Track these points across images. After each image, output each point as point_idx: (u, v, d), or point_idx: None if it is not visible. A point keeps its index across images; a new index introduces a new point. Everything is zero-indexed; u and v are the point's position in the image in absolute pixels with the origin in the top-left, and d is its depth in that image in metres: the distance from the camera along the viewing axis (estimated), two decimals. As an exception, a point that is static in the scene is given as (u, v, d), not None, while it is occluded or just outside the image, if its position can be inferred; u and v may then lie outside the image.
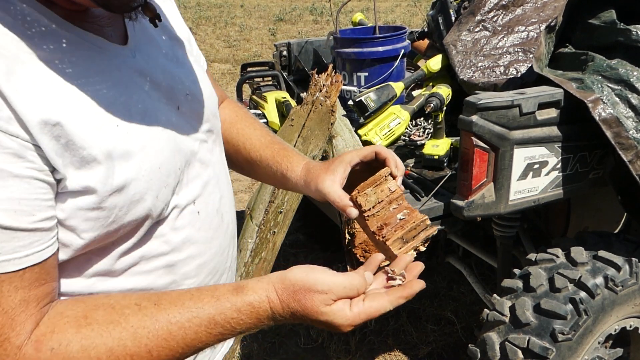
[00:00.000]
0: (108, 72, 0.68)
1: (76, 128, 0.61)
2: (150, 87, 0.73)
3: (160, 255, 0.75)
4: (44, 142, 0.57)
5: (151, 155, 0.70)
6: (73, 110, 0.61)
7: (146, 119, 0.71)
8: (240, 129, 1.04)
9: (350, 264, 1.88)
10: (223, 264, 0.89)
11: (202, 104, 0.84)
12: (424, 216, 0.86)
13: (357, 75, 2.25)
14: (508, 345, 1.61)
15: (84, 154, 0.61)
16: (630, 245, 1.75)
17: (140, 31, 0.77)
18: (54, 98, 0.60)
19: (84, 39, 0.67)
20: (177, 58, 0.83)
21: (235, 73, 6.97)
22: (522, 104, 1.56)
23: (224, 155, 0.93)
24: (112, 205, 0.65)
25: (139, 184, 0.67)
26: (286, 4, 12.62)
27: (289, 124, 1.80)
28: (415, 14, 10.30)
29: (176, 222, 0.76)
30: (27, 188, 0.57)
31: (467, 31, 2.08)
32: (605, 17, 1.73)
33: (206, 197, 0.82)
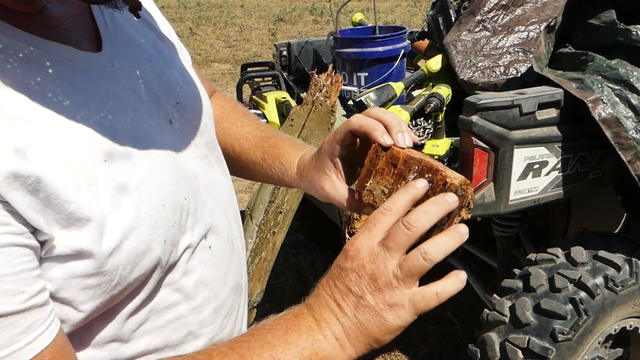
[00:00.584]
0: (85, 91, 0.54)
1: (56, 176, 0.48)
2: (136, 101, 0.60)
3: (171, 306, 0.63)
4: (16, 199, 0.45)
5: (151, 192, 0.57)
6: (49, 152, 0.48)
7: (139, 144, 0.58)
8: (227, 128, 0.91)
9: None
10: (238, 299, 0.76)
11: (197, 112, 0.71)
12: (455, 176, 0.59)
13: (357, 75, 2.25)
14: (508, 345, 1.61)
15: (71, 209, 0.49)
16: (630, 245, 1.75)
17: (114, 29, 0.64)
18: (20, 138, 0.46)
19: (48, 52, 0.53)
20: (162, 58, 0.69)
21: (235, 73, 6.98)
22: (522, 104, 1.56)
23: (224, 164, 0.79)
24: (113, 267, 0.53)
25: (141, 232, 0.55)
26: (286, 4, 12.62)
27: (289, 124, 1.80)
28: (415, 14, 10.30)
29: (188, 265, 0.64)
30: (7, 260, 0.45)
31: (467, 31, 2.08)
32: (605, 17, 1.73)
33: (216, 227, 0.69)
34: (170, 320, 0.63)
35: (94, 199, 0.51)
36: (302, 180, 0.79)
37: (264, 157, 0.86)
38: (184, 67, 0.74)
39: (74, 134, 0.51)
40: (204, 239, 0.66)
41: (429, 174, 0.60)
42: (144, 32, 0.70)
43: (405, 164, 0.62)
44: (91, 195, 0.50)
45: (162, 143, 0.62)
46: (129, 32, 0.66)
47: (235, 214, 0.78)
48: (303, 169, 0.79)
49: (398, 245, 0.54)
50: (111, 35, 0.62)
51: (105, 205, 0.52)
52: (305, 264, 3.09)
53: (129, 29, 0.67)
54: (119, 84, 0.59)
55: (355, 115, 0.68)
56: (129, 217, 0.54)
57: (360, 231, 0.57)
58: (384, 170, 0.64)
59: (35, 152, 0.47)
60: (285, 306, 0.63)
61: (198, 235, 0.65)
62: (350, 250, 0.56)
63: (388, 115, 0.67)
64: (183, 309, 0.64)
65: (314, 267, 3.05)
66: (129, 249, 0.54)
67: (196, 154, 0.68)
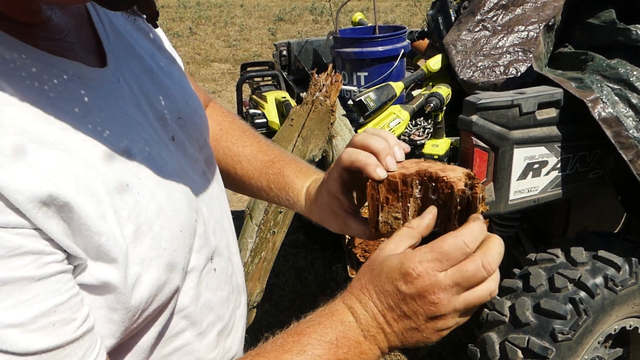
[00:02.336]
0: (97, 110, 0.52)
1: (84, 204, 0.46)
2: (142, 119, 0.58)
3: (178, 333, 0.60)
4: (51, 227, 0.44)
5: (170, 218, 0.55)
6: (75, 178, 0.46)
7: (153, 165, 0.55)
8: (227, 148, 0.87)
9: (350, 263, 1.88)
10: (241, 318, 0.75)
11: (197, 126, 0.68)
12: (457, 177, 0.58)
13: (357, 75, 2.25)
14: (508, 345, 1.61)
15: (101, 242, 0.47)
16: (630, 245, 1.75)
17: (116, 40, 0.61)
18: (48, 163, 0.45)
19: (59, 69, 0.49)
20: (161, 69, 0.66)
21: (235, 73, 6.97)
22: (522, 104, 1.56)
23: (220, 178, 0.76)
24: (137, 302, 0.51)
25: (162, 263, 0.53)
26: (286, 3, 12.62)
27: (289, 124, 1.80)
28: (415, 13, 10.30)
29: (196, 290, 0.61)
30: (57, 289, 0.44)
31: (467, 31, 2.08)
32: (605, 16, 1.73)
33: (219, 248, 0.67)
34: (177, 347, 0.61)
35: (119, 229, 0.49)
36: (312, 216, 0.78)
37: (269, 185, 0.83)
38: (182, 78, 0.71)
39: (93, 159, 0.49)
40: (210, 261, 0.64)
41: (433, 183, 0.59)
42: (141, 42, 0.66)
43: (404, 183, 0.61)
44: (117, 225, 0.48)
45: (172, 163, 0.59)
46: (129, 43, 0.63)
47: (232, 229, 0.76)
48: (311, 205, 0.77)
49: (471, 284, 0.53)
50: (113, 47, 0.60)
51: (127, 235, 0.50)
52: (305, 263, 3.09)
53: (128, 39, 0.64)
54: (127, 101, 0.56)
55: (345, 151, 0.67)
56: (149, 247, 0.52)
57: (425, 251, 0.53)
58: (388, 199, 0.62)
59: (63, 179, 0.45)
60: (285, 306, 0.60)
61: (205, 258, 0.63)
62: (413, 275, 0.53)
63: (373, 141, 0.64)
64: (189, 335, 0.62)
65: (314, 267, 3.05)
66: (150, 280, 0.52)
67: (196, 170, 0.66)
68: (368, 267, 0.57)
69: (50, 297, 0.43)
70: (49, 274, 0.43)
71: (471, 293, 0.53)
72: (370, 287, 0.56)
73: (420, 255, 0.53)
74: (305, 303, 2.76)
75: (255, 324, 2.44)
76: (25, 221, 0.42)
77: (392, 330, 0.55)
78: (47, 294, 0.43)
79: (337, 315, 0.56)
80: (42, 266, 0.43)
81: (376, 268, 0.56)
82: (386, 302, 0.54)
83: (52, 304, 0.43)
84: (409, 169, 0.61)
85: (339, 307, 0.57)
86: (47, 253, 0.43)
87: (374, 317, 0.55)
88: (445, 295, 0.52)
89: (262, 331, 2.55)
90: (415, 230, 0.57)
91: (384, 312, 0.55)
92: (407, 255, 0.54)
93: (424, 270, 0.52)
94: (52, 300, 0.43)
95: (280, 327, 0.59)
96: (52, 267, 0.43)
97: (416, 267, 0.52)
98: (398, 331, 0.55)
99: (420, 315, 0.54)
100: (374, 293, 0.55)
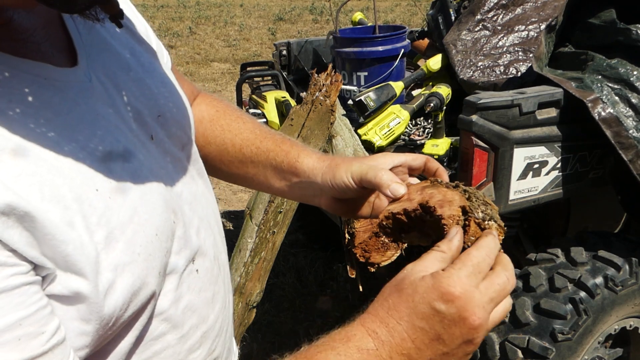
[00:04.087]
0: (65, 112, 0.49)
1: (49, 212, 0.44)
2: (117, 119, 0.55)
3: (159, 336, 0.58)
4: (12, 237, 0.42)
5: (145, 222, 0.52)
6: (39, 185, 0.44)
7: (127, 166, 0.53)
8: (226, 124, 0.85)
9: (350, 263, 1.88)
10: (227, 318, 0.72)
11: (179, 124, 0.66)
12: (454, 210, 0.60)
13: (357, 75, 2.25)
14: (508, 345, 1.61)
15: (68, 250, 0.45)
16: (630, 245, 1.74)
17: (88, 36, 0.58)
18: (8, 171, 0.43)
19: (22, 71, 0.47)
20: (142, 65, 0.63)
21: (235, 73, 6.97)
22: (522, 104, 1.56)
23: (206, 175, 0.74)
24: (111, 310, 0.49)
25: (136, 268, 0.51)
26: (286, 3, 12.62)
27: (289, 124, 1.80)
28: (415, 13, 10.30)
29: (176, 292, 0.59)
30: (21, 302, 0.42)
31: (467, 31, 2.08)
32: (605, 16, 1.73)
33: (203, 248, 0.65)
34: (157, 351, 0.59)
35: (89, 235, 0.47)
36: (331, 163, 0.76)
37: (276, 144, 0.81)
38: (164, 73, 0.68)
39: (61, 163, 0.47)
40: (192, 262, 0.62)
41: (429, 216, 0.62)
42: (119, 37, 0.63)
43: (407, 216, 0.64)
44: (85, 232, 0.46)
45: (148, 163, 0.57)
46: (104, 38, 0.60)
47: (219, 226, 0.73)
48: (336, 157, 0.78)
49: (500, 300, 0.53)
50: (85, 44, 0.57)
51: (98, 241, 0.47)
52: (304, 263, 3.09)
53: (104, 34, 0.60)
54: (99, 100, 0.54)
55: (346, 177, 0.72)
56: (122, 252, 0.49)
57: (459, 267, 0.51)
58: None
59: (25, 186, 0.43)
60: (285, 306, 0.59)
61: (185, 259, 0.60)
62: (454, 294, 0.49)
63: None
64: (171, 339, 0.60)
65: (314, 267, 3.05)
66: (124, 287, 0.49)
67: (178, 169, 0.64)
68: (395, 288, 0.53)
69: (14, 310, 0.41)
70: (12, 286, 0.41)
71: (496, 310, 0.52)
72: (401, 309, 0.51)
73: (457, 273, 0.50)
74: (305, 303, 2.76)
75: (255, 324, 2.44)
76: None
77: (418, 358, 0.50)
78: (11, 307, 0.41)
79: (354, 341, 0.51)
80: (4, 279, 0.41)
81: (407, 288, 0.51)
82: (419, 325, 0.50)
83: (16, 318, 0.41)
84: (413, 201, 0.64)
85: (357, 331, 0.52)
86: (9, 265, 0.41)
87: (401, 344, 0.50)
88: (483, 314, 0.50)
89: (262, 331, 2.55)
90: (447, 255, 0.54)
91: (414, 336, 0.50)
92: (444, 273, 0.50)
93: (463, 288, 0.50)
94: (16, 313, 0.41)
95: (280, 327, 0.57)
96: (15, 279, 0.42)
97: (456, 286, 0.49)
98: (426, 358, 0.50)
99: (456, 338, 0.50)
100: (405, 315, 0.51)
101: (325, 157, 0.77)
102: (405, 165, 0.76)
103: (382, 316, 0.51)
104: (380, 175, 0.68)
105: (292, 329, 2.56)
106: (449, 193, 0.63)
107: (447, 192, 0.64)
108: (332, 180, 0.73)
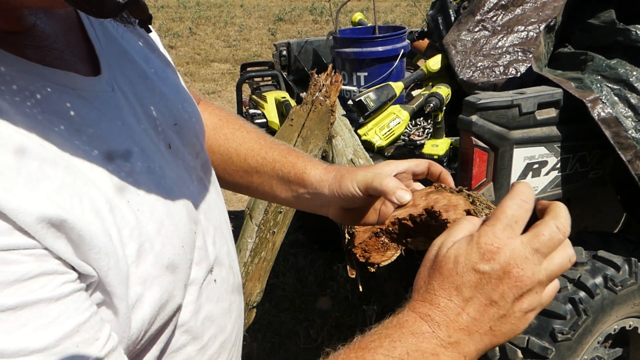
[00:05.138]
0: (94, 123, 0.49)
1: (90, 223, 0.44)
2: (138, 128, 0.55)
3: (179, 348, 0.58)
4: (60, 247, 0.42)
5: (171, 234, 0.52)
6: (80, 197, 0.44)
7: (152, 178, 0.53)
8: (230, 133, 0.84)
9: (350, 263, 1.88)
10: (241, 327, 0.73)
11: (194, 131, 0.65)
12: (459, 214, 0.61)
13: (357, 75, 2.25)
14: (508, 345, 1.61)
15: (110, 264, 0.46)
16: (630, 245, 1.75)
17: (107, 44, 0.57)
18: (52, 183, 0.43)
19: (50, 80, 0.47)
20: (156, 73, 0.63)
21: (235, 73, 6.98)
22: (522, 104, 1.56)
23: (217, 182, 0.74)
24: (139, 325, 0.49)
25: (164, 281, 0.51)
26: (286, 3, 12.62)
27: (289, 124, 1.80)
28: (415, 13, 10.30)
29: (197, 303, 0.59)
30: (76, 308, 0.42)
31: (466, 31, 2.08)
32: (604, 17, 1.73)
33: (219, 257, 0.65)
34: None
35: (122, 248, 0.47)
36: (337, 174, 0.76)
37: (282, 155, 0.81)
38: (177, 81, 0.68)
39: (95, 175, 0.47)
40: (210, 273, 0.62)
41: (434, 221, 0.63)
42: (134, 44, 0.63)
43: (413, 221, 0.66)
44: (119, 244, 0.46)
45: (170, 174, 0.57)
46: (121, 46, 0.60)
47: (230, 234, 0.73)
48: (342, 168, 0.78)
49: (550, 249, 0.49)
50: (105, 51, 0.56)
51: (129, 254, 0.47)
52: (304, 263, 3.09)
53: (121, 42, 0.60)
54: (122, 110, 0.54)
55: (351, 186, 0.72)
56: (152, 265, 0.49)
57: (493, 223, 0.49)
58: None
59: (67, 198, 0.43)
60: (285, 306, 0.59)
61: (204, 270, 0.60)
62: (493, 250, 0.48)
63: None
64: (191, 350, 0.59)
65: (314, 266, 3.05)
66: (153, 300, 0.49)
67: (193, 178, 0.63)
68: (433, 267, 0.51)
69: (71, 317, 0.41)
70: (66, 293, 0.41)
71: (551, 261, 0.49)
72: (447, 285, 0.50)
73: (491, 229, 0.49)
74: (305, 303, 2.76)
75: (255, 324, 2.44)
76: (35, 242, 0.40)
77: (478, 329, 0.49)
78: (68, 314, 0.41)
79: (408, 327, 0.49)
80: (58, 286, 0.41)
81: (446, 263, 0.50)
82: (469, 295, 0.49)
83: (74, 324, 0.41)
84: (418, 206, 0.65)
85: (409, 317, 0.50)
86: (60, 272, 0.42)
87: (457, 319, 0.49)
88: (528, 265, 0.48)
89: (262, 331, 2.55)
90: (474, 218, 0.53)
91: (469, 309, 0.49)
92: (479, 233, 0.49)
93: (502, 240, 0.48)
94: (73, 320, 0.41)
95: (280, 327, 0.57)
96: (67, 287, 0.42)
97: (494, 241, 0.48)
98: (486, 326, 0.49)
99: (507, 296, 0.48)
100: (454, 290, 0.49)
101: (331, 168, 0.78)
102: (409, 172, 0.76)
103: (430, 299, 0.50)
104: (385, 183, 0.68)
105: (292, 329, 2.56)
106: (453, 198, 0.64)
107: (452, 197, 0.64)
108: (339, 191, 0.73)
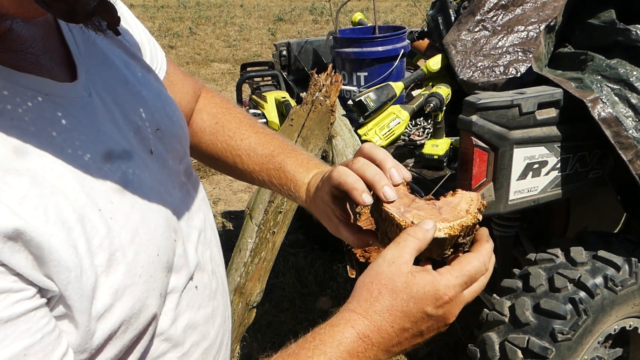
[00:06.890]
0: (68, 130, 0.47)
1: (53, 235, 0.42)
2: (117, 135, 0.53)
3: (159, 356, 0.57)
4: (19, 262, 0.40)
5: (146, 242, 0.51)
6: (44, 207, 0.43)
7: (128, 185, 0.51)
8: (225, 142, 0.83)
9: (350, 264, 1.88)
10: (227, 332, 0.72)
11: (176, 137, 0.64)
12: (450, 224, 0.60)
13: (357, 75, 2.25)
14: (508, 345, 1.61)
15: (70, 278, 0.44)
16: (630, 245, 1.74)
17: (86, 49, 0.56)
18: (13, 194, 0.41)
19: (23, 86, 0.45)
20: (137, 78, 0.61)
21: (235, 73, 6.98)
22: (522, 104, 1.56)
23: (201, 185, 0.72)
24: (105, 335, 0.47)
25: (137, 290, 0.49)
26: (286, 3, 12.62)
27: (289, 124, 1.80)
28: (415, 13, 10.30)
29: (176, 311, 0.58)
30: (26, 329, 0.40)
31: (466, 31, 2.08)
32: (604, 17, 1.73)
33: (201, 263, 0.63)
34: None
35: (89, 258, 0.45)
36: (312, 212, 0.75)
37: (271, 180, 0.79)
38: (159, 86, 0.66)
39: (64, 184, 0.45)
40: (191, 279, 0.60)
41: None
42: (115, 50, 0.61)
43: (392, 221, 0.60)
44: (87, 255, 0.45)
45: (149, 180, 0.55)
46: (101, 51, 0.58)
47: (216, 238, 0.72)
48: (310, 203, 0.74)
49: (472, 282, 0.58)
50: (84, 56, 0.55)
51: (99, 264, 0.46)
52: (304, 263, 3.09)
53: (101, 47, 0.59)
54: (99, 116, 0.52)
55: (337, 169, 0.65)
56: (123, 275, 0.48)
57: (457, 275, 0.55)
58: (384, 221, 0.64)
59: (30, 209, 0.41)
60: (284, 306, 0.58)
61: (185, 277, 0.59)
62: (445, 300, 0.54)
63: (370, 170, 0.62)
64: (172, 357, 0.58)
65: (314, 267, 3.05)
66: (122, 310, 0.48)
67: (176, 184, 0.62)
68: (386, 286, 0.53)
69: (19, 339, 0.40)
70: (17, 314, 0.40)
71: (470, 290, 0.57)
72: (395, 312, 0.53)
73: (453, 281, 0.55)
74: (305, 303, 2.76)
75: (255, 324, 2.44)
76: None
77: (396, 349, 0.55)
78: (16, 336, 0.39)
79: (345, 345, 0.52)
80: (9, 306, 0.39)
81: (401, 291, 0.53)
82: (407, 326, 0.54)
83: (21, 347, 0.40)
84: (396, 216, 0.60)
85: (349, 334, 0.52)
86: (15, 290, 0.40)
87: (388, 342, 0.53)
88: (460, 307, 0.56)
89: (262, 331, 2.55)
90: (422, 242, 0.56)
91: (401, 336, 0.54)
92: (442, 281, 0.54)
93: (455, 293, 0.55)
94: (21, 342, 0.40)
95: (280, 327, 0.57)
96: (20, 306, 0.40)
97: (450, 292, 0.54)
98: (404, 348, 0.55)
99: (432, 330, 0.56)
100: (398, 319, 0.53)
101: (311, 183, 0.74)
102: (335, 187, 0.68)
103: (374, 319, 0.53)
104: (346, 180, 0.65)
105: (292, 329, 2.56)
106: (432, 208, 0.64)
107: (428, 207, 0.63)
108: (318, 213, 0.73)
